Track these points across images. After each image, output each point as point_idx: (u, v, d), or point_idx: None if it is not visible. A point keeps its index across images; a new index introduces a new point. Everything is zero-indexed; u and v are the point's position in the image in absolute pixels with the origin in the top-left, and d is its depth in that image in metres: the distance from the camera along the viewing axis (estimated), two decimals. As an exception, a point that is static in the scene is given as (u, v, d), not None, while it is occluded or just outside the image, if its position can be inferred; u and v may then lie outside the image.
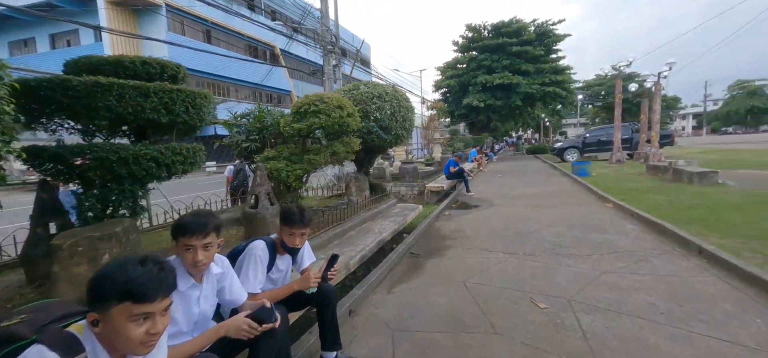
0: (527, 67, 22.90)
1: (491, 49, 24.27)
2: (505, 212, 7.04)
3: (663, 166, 10.68)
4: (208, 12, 27.34)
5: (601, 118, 67.14)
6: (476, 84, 23.43)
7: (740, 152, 17.40)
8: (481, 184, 11.58)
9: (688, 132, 77.27)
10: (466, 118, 26.79)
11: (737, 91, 72.13)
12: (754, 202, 6.25)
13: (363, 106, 5.26)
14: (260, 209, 3.62)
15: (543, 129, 54.49)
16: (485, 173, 15.07)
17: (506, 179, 12.54)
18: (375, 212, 5.24)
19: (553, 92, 22.72)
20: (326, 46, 13.47)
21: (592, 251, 4.26)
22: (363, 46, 56.64)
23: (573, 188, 9.64)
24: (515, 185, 10.81)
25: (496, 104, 23.50)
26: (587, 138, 18.90)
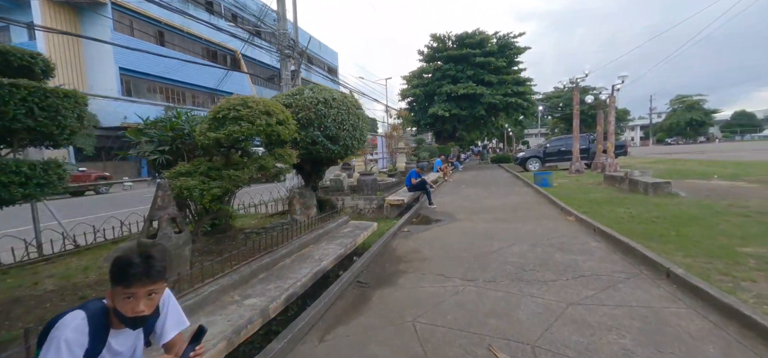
0: (490, 78, 23.25)
1: (455, 60, 24.45)
2: (467, 227, 6.61)
3: (619, 176, 10.85)
4: (162, 14, 25.61)
5: (560, 128, 70.45)
6: (441, 93, 23.45)
7: (686, 162, 18.42)
8: (444, 195, 11.23)
9: (637, 143, 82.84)
10: (432, 127, 26.77)
11: (678, 105, 78.63)
12: (708, 213, 6.24)
13: (306, 113, 4.62)
14: (161, 239, 2.86)
15: (507, 139, 56.17)
16: (450, 183, 14.83)
17: (470, 190, 12.30)
18: (320, 233, 4.58)
19: (515, 103, 23.19)
20: (284, 50, 12.70)
21: (557, 275, 3.85)
22: (331, 54, 55.92)
23: (535, 200, 9.48)
24: (479, 197, 10.54)
25: (461, 114, 23.62)
26: (548, 148, 19.30)
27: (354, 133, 5.00)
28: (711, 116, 74.81)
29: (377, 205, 7.94)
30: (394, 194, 8.51)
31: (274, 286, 2.96)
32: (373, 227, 5.42)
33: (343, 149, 4.97)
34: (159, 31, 28.96)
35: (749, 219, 5.70)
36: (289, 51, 12.79)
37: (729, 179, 11.01)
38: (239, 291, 2.81)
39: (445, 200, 10.21)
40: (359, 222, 5.61)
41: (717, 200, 7.57)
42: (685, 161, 18.83)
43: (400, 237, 6.09)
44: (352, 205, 8.08)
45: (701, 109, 72.79)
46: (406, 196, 8.49)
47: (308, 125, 4.65)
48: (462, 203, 9.51)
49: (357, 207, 8.04)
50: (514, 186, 12.83)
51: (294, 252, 3.88)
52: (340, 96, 4.93)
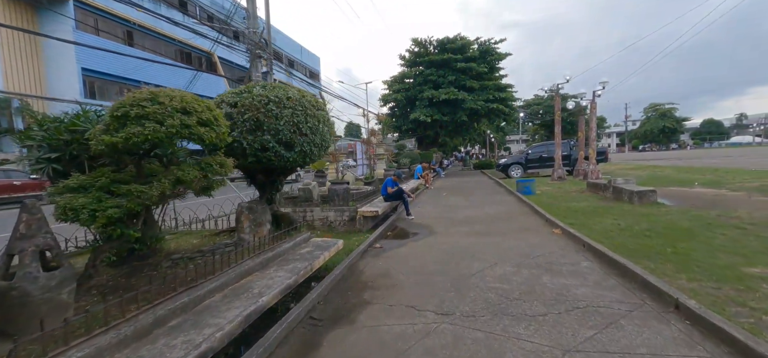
0: (472, 84, 23.00)
1: (437, 65, 24.13)
2: (445, 242, 5.99)
3: (602, 184, 10.53)
4: (132, 13, 24.25)
5: (540, 135, 71.72)
6: (423, 99, 23.03)
7: (664, 169, 18.52)
8: (424, 204, 10.62)
9: (613, 149, 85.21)
10: (414, 133, 26.31)
11: (651, 113, 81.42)
12: (701, 226, 5.83)
13: (254, 113, 3.90)
14: (21, 280, 2.08)
15: (489, 145, 56.53)
16: (431, 191, 14.27)
17: (451, 198, 11.75)
18: (269, 257, 3.84)
19: (496, 109, 23.00)
20: (254, 49, 11.89)
21: (547, 306, 3.25)
22: (312, 59, 55.00)
23: (519, 209, 8.98)
24: (460, 206, 9.98)
25: (443, 119, 23.25)
26: (529, 155, 19.08)
27: (313, 138, 4.30)
28: (682, 124, 77.76)
29: (349, 217, 7.24)
30: (368, 205, 7.83)
31: (183, 340, 2.21)
32: (337, 245, 4.71)
33: (301, 157, 4.25)
34: (127, 31, 27.50)
35: (745, 232, 5.30)
36: (260, 51, 11.99)
37: (710, 186, 10.86)
38: (128, 352, 2.05)
39: (424, 209, 9.60)
40: (323, 240, 4.90)
41: (705, 209, 7.24)
42: (663, 168, 18.95)
43: (370, 256, 5.40)
44: (322, 217, 7.34)
45: (673, 117, 75.56)
46: (382, 206, 7.82)
47: (256, 128, 3.92)
48: (442, 213, 8.92)
49: (327, 220, 7.31)
50: (496, 194, 12.37)
51: (229, 284, 3.13)
52: (296, 95, 4.23)
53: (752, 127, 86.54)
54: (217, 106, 4.16)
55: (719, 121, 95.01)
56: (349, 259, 4.92)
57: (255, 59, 12.02)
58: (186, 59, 31.96)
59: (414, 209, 9.63)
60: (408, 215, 8.27)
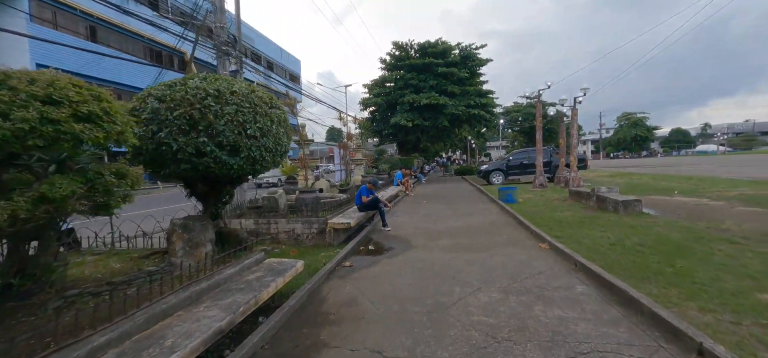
0: (453, 89, 22.72)
1: (418, 69, 23.75)
2: (424, 259, 5.37)
3: (585, 192, 10.23)
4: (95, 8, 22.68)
5: (519, 141, 72.76)
6: (404, 103, 22.55)
7: (640, 176, 18.67)
8: (403, 213, 10.00)
9: (589, 156, 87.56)
10: (394, 137, 25.78)
11: (624, 121, 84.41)
12: (692, 239, 5.46)
13: (186, 110, 3.15)
14: None
15: (470, 150, 56.84)
16: (411, 198, 13.70)
17: (432, 206, 11.19)
18: (203, 288, 3.09)
19: (478, 114, 22.78)
20: (221, 46, 11.03)
21: (545, 353, 2.64)
22: (293, 62, 53.79)
23: (502, 219, 8.49)
24: (440, 215, 9.41)
25: (424, 124, 22.83)
26: (510, 161, 18.85)
27: (265, 141, 3.58)
28: (653, 133, 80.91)
29: (319, 229, 6.51)
30: (340, 216, 7.12)
31: None
32: (296, 267, 3.98)
33: (248, 163, 3.52)
34: (91, 26, 25.81)
35: (740, 248, 4.93)
36: (228, 47, 11.13)
37: (690, 195, 10.75)
38: None
39: (403, 220, 8.97)
40: (279, 261, 4.16)
41: (692, 220, 6.93)
42: (640, 176, 19.12)
43: (338, 277, 4.70)
44: (288, 230, 6.58)
45: (644, 126, 78.49)
46: (356, 217, 7.13)
47: (191, 128, 3.18)
48: (421, 223, 8.31)
49: (293, 233, 6.56)
50: (478, 202, 11.90)
51: (134, 333, 2.37)
52: (244, 89, 3.50)
53: (716, 136, 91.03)
54: (142, 100, 3.39)
55: (686, 130, 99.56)
56: (311, 283, 4.21)
57: (222, 57, 11.16)
58: (156, 58, 30.35)
59: (392, 218, 9.00)
60: (384, 226, 7.62)
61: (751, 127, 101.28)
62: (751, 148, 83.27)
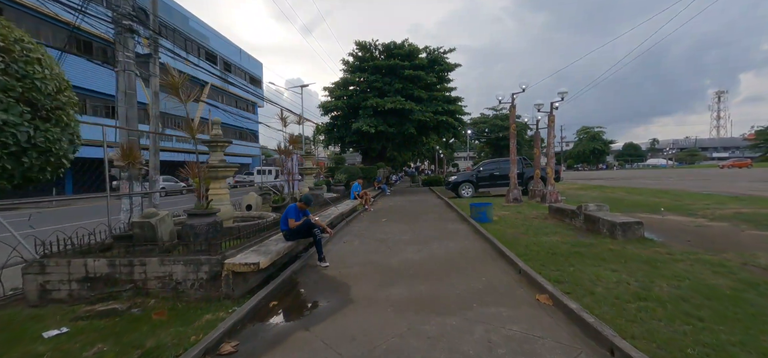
0: (420, 93, 21.17)
1: (383, 71, 22.06)
2: (362, 332, 3.32)
3: (568, 209, 8.72)
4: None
5: (486, 152, 73.41)
6: (367, 107, 20.64)
7: (613, 189, 17.84)
8: (353, 236, 7.93)
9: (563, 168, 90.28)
10: (358, 145, 23.76)
11: (582, 135, 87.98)
12: (743, 285, 3.88)
13: None
14: None
15: (438, 160, 56.04)
16: (370, 214, 11.67)
17: (392, 226, 9.20)
18: None
19: (446, 121, 21.31)
20: (121, 19, 8.54)
21: None
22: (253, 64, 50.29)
23: (478, 247, 6.64)
24: (400, 240, 7.45)
25: (390, 131, 21.01)
26: (481, 172, 17.40)
27: None
28: (609, 146, 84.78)
29: (211, 274, 4.28)
30: (249, 250, 4.93)
31: None
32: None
33: None
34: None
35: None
36: (132, 22, 8.62)
37: (678, 212, 9.57)
38: None
39: (350, 247, 6.90)
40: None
41: (710, 250, 5.44)
42: (612, 189, 18.34)
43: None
44: (162, 275, 4.30)
45: (601, 140, 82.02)
46: (276, 251, 4.98)
47: None
48: (373, 254, 6.28)
49: (170, 280, 4.28)
50: (447, 221, 10.08)
51: None
52: None
53: (665, 151, 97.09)
54: None
55: (637, 144, 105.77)
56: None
57: (123, 34, 8.66)
58: (85, 50, 26.44)
59: (338, 244, 6.90)
60: (320, 260, 5.52)
61: (693, 143, 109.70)
62: (693, 163, 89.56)
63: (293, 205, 5.62)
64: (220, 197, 6.37)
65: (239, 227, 5.72)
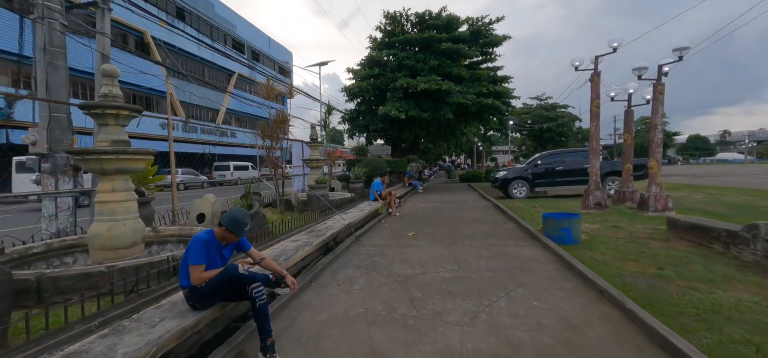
0: (460, 72, 17.64)
1: (415, 45, 18.76)
2: None
3: (714, 228, 5.16)
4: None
5: (527, 145, 67.88)
6: (396, 89, 17.46)
7: (723, 190, 13.37)
8: (357, 269, 4.86)
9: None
10: (385, 134, 20.67)
11: (640, 126, 78.70)
12: None
13: None
14: None
15: (476, 154, 51.65)
16: (394, 221, 8.61)
17: (422, 249, 6.06)
18: None
19: (491, 105, 17.60)
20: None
21: None
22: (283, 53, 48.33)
23: (593, 319, 3.32)
24: (436, 283, 4.30)
25: (423, 117, 17.69)
26: (539, 166, 13.68)
27: None
28: (672, 138, 75.19)
29: None
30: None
31: None
32: None
33: None
34: (15, -10, 20.97)
35: None
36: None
37: None
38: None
39: (339, 307, 3.81)
40: None
41: None
42: (717, 189, 13.87)
43: None
44: None
45: (664, 132, 72.83)
46: (148, 347, 2.09)
47: None
48: (381, 332, 3.20)
49: None
50: (506, 238, 6.76)
51: None
52: None
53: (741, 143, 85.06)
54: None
55: (705, 137, 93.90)
56: None
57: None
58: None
59: (321, 291, 3.86)
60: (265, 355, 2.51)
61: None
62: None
63: (204, 234, 2.63)
64: (113, 208, 3.57)
65: (113, 273, 2.87)
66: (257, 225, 5.01)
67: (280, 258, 4.08)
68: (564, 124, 54.84)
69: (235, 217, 2.59)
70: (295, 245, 4.73)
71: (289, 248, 4.58)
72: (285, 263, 3.95)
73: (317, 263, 4.77)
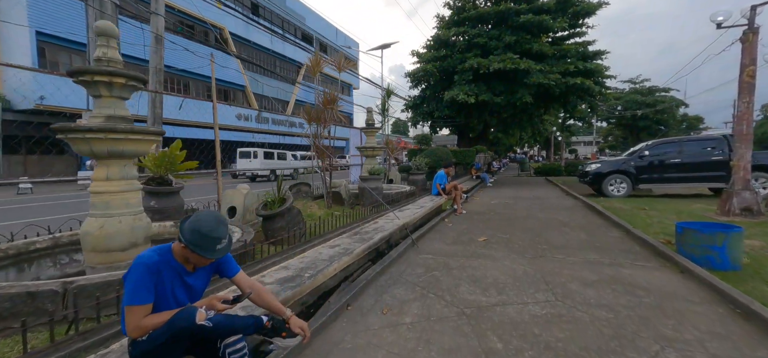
0: (543, 48, 15.17)
1: (489, 21, 16.67)
2: None
3: None
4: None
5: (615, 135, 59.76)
6: (465, 71, 15.68)
7: None
8: (410, 289, 3.68)
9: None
10: (451, 122, 18.98)
11: (762, 114, 63.79)
12: None
13: None
14: None
15: (554, 145, 46.53)
16: (460, 220, 7.25)
17: (497, 263, 4.67)
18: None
19: (580, 86, 14.85)
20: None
21: None
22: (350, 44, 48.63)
23: None
24: (523, 325, 2.96)
25: (495, 101, 15.68)
26: (645, 157, 10.99)
27: None
28: (823, 126, 59.69)
29: None
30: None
31: None
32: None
33: None
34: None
35: None
36: None
37: None
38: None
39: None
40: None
41: None
42: None
43: None
44: None
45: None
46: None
47: None
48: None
49: None
50: (608, 249, 5.00)
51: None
52: None
53: None
54: None
55: None
56: None
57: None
58: (187, 34, 27.66)
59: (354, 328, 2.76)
60: None
61: None
62: None
63: (154, 253, 1.66)
64: (107, 200, 2.90)
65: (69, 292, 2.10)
66: (290, 224, 4.13)
67: (304, 274, 3.09)
68: (664, 111, 46.50)
69: (199, 228, 1.61)
70: (331, 253, 3.74)
71: (323, 258, 3.59)
72: (307, 283, 2.94)
73: (360, 276, 3.71)
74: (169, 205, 4.21)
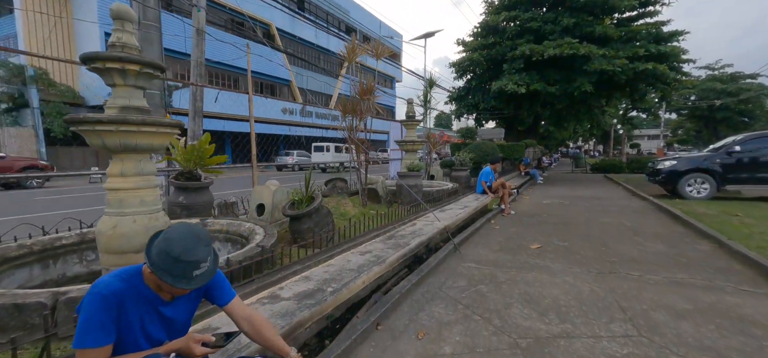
0: (607, 31, 13.55)
1: (544, 2, 15.24)
2: None
3: None
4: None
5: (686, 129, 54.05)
6: (515, 59, 14.49)
7: None
8: (450, 308, 3.17)
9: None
10: (499, 114, 17.77)
11: None
12: None
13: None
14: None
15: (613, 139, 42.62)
16: (506, 222, 6.51)
17: (552, 269, 3.98)
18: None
19: (651, 71, 13.06)
20: None
21: None
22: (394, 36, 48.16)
23: None
24: (591, 355, 2.33)
25: (549, 91, 14.34)
26: (734, 154, 9.34)
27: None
28: None
29: None
30: None
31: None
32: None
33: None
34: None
35: None
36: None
37: None
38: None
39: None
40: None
41: None
42: None
43: None
44: None
45: None
46: None
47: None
48: None
49: None
50: (699, 267, 4.05)
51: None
52: None
53: None
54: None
55: None
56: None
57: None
58: (237, 30, 28.73)
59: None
60: None
61: None
62: None
63: (115, 279, 1.26)
64: (121, 197, 2.71)
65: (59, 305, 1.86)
66: (319, 225, 3.77)
67: (327, 288, 2.68)
68: (749, 101, 40.44)
69: (169, 249, 1.22)
70: (361, 262, 3.31)
71: (351, 267, 3.17)
72: (329, 300, 2.53)
73: (393, 289, 3.25)
74: (197, 200, 4.06)
